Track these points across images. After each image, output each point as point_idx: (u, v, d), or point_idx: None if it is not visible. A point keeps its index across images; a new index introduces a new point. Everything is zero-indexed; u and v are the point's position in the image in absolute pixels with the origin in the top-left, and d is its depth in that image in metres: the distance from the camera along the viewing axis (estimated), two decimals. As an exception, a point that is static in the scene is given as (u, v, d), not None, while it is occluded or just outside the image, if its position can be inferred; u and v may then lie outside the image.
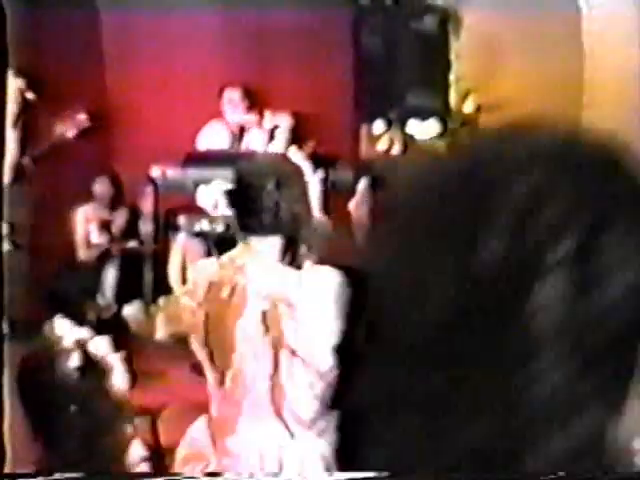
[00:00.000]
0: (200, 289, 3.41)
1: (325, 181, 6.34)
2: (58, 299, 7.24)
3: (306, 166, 6.05)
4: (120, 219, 7.92)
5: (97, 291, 7.67)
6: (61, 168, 7.44)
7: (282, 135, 7.13)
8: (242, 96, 7.42)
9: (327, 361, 3.26)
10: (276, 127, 7.21)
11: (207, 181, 6.38)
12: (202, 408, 3.59)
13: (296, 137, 7.08)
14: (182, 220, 6.88)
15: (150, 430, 4.87)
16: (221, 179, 6.16)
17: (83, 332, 5.62)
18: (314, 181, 6.24)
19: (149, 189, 7.07)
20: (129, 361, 5.44)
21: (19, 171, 7.14)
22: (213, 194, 6.40)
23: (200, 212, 6.69)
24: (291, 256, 3.40)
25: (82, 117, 7.58)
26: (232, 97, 7.44)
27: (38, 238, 7.25)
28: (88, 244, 7.81)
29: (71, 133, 7.56)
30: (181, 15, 7.57)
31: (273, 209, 3.36)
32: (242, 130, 7.42)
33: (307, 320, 3.27)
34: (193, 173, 6.62)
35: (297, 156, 5.84)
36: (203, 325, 3.39)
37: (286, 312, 3.29)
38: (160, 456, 3.95)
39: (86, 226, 7.80)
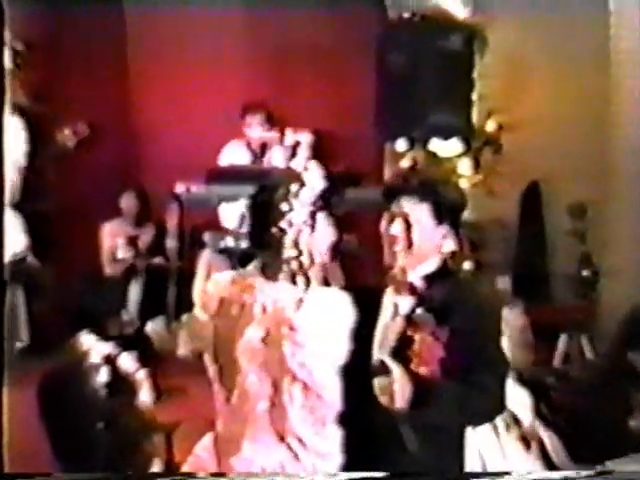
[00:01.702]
0: (213, 303, 3.39)
1: (347, 199, 6.29)
2: (83, 314, 7.12)
3: (326, 183, 6.01)
4: (146, 235, 7.94)
5: (122, 306, 7.65)
6: (88, 182, 7.44)
7: (303, 152, 7.11)
8: (264, 119, 7.44)
9: (329, 385, 3.21)
10: (298, 144, 7.20)
11: (231, 197, 6.36)
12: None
13: (318, 155, 7.04)
14: (207, 236, 6.88)
15: (165, 447, 4.85)
16: (244, 196, 6.14)
17: (110, 347, 5.60)
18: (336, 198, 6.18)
19: (174, 205, 7.06)
20: (154, 377, 5.40)
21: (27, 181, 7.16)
22: (237, 211, 6.39)
23: (226, 228, 6.71)
24: (304, 276, 3.35)
25: (82, 127, 7.55)
26: (254, 120, 7.47)
27: (64, 253, 7.21)
28: (114, 259, 7.81)
29: (72, 143, 7.53)
30: (206, 34, 7.65)
31: (289, 226, 3.32)
32: (264, 147, 7.44)
33: (308, 343, 3.23)
34: (217, 189, 6.62)
35: (318, 172, 5.78)
36: (213, 340, 3.37)
37: (287, 334, 3.26)
38: (174, 473, 3.81)
39: (112, 241, 7.80)
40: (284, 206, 3.40)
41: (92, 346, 5.16)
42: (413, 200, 3.35)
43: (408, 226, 3.32)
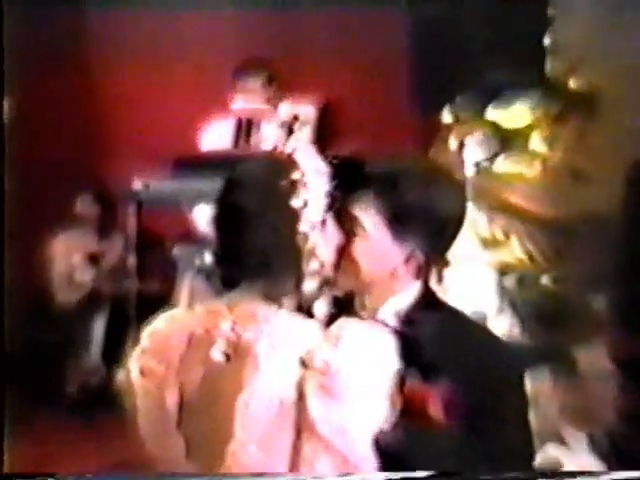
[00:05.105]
0: (173, 348, 2.59)
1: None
2: (30, 357, 6.20)
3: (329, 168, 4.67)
4: (112, 249, 6.94)
5: (82, 348, 6.71)
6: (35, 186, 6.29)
7: (304, 130, 5.61)
8: (264, 81, 5.90)
9: (363, 451, 2.55)
10: (295, 119, 5.65)
11: (203, 195, 4.88)
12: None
13: (324, 134, 5.61)
14: (177, 251, 5.69)
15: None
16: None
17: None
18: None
19: (131, 207, 5.79)
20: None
21: None
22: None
23: (199, 239, 5.48)
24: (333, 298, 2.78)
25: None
26: (251, 83, 5.93)
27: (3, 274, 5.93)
28: (70, 282, 6.92)
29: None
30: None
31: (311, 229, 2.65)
32: (249, 125, 5.91)
33: (347, 398, 2.56)
34: (185, 184, 5.29)
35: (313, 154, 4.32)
36: (177, 403, 2.59)
37: (318, 382, 2.57)
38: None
39: (68, 258, 6.93)
40: (296, 202, 2.69)
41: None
42: (364, 199, 2.68)
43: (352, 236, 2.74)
